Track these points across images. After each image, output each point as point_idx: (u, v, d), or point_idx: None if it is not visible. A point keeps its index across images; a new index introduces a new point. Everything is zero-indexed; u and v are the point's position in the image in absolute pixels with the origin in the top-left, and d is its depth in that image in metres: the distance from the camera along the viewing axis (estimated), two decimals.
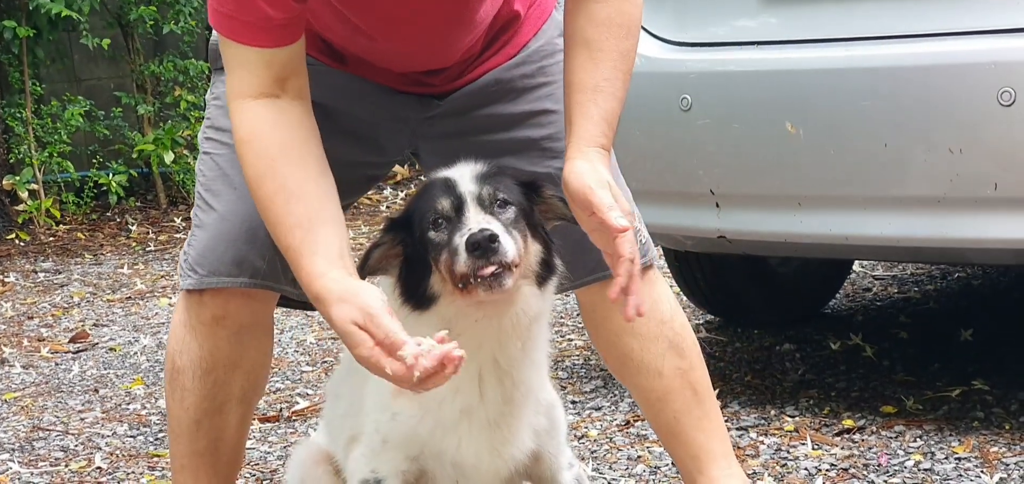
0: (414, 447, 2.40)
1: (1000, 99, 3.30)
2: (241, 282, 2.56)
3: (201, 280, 2.57)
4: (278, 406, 4.45)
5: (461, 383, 2.33)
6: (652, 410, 2.85)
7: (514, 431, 2.40)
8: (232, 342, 2.62)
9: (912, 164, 3.47)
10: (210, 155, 2.63)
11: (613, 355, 2.83)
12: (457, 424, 2.37)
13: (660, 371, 2.77)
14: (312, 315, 5.83)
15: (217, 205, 2.59)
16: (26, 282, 7.02)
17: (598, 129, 2.38)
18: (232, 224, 2.56)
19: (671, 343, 2.78)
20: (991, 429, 3.66)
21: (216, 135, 2.63)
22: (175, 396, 2.67)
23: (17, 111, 8.44)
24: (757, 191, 3.76)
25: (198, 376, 2.64)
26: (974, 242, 3.48)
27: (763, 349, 4.63)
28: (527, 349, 2.37)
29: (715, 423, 2.84)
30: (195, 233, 2.61)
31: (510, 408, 2.38)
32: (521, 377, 2.37)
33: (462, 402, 2.36)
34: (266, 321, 2.68)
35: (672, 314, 2.80)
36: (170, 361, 2.67)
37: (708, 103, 3.77)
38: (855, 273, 5.62)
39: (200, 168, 2.65)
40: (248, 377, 2.68)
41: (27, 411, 4.61)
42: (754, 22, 3.81)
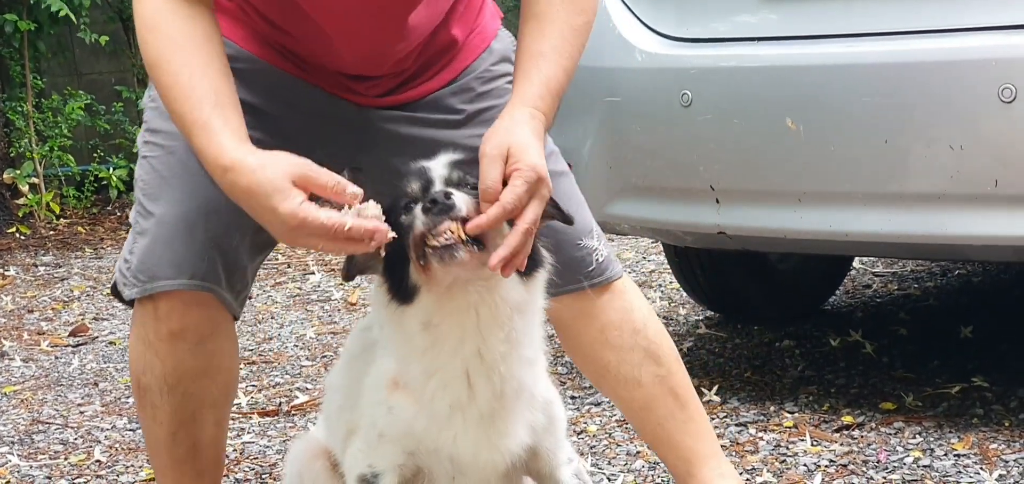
0: (410, 442, 2.40)
1: (1001, 96, 3.30)
2: (180, 284, 2.48)
3: (144, 287, 2.49)
4: (277, 400, 4.45)
5: (449, 379, 2.32)
6: (636, 419, 2.87)
7: (509, 425, 2.39)
8: (195, 353, 2.56)
9: (912, 160, 3.47)
10: (147, 159, 2.55)
11: (590, 369, 2.84)
12: (450, 419, 2.37)
13: (639, 381, 2.78)
14: (311, 310, 5.83)
15: (155, 209, 2.50)
16: (26, 276, 7.03)
17: (536, 91, 2.35)
18: (171, 227, 2.48)
19: (647, 352, 2.78)
20: (991, 426, 3.66)
21: (152, 138, 2.56)
22: (146, 413, 2.62)
23: (18, 105, 8.45)
24: (757, 187, 3.76)
25: (165, 391, 2.57)
26: (974, 239, 3.48)
27: (763, 345, 4.63)
28: (512, 342, 2.35)
29: (700, 424, 2.85)
30: (136, 240, 2.53)
31: (502, 404, 2.37)
32: (510, 372, 2.35)
33: (451, 397, 2.35)
34: (227, 325, 2.60)
35: (645, 322, 2.79)
36: (136, 380, 2.61)
37: (709, 99, 3.77)
38: (855, 270, 5.62)
39: (139, 174, 2.57)
40: (217, 382, 2.63)
41: (27, 404, 4.61)
42: (754, 18, 3.81)
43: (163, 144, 2.52)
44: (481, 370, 2.34)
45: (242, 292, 2.60)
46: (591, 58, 4.07)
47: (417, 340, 2.33)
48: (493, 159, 2.23)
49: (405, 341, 2.35)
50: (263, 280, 6.51)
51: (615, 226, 4.17)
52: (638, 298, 2.82)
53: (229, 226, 2.48)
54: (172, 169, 2.48)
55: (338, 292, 6.13)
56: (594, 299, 2.73)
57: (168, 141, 2.50)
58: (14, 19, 8.26)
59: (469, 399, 2.35)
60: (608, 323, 2.76)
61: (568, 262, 2.66)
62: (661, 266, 6.10)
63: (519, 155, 2.22)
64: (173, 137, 2.48)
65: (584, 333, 2.77)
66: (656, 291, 5.66)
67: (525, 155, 2.22)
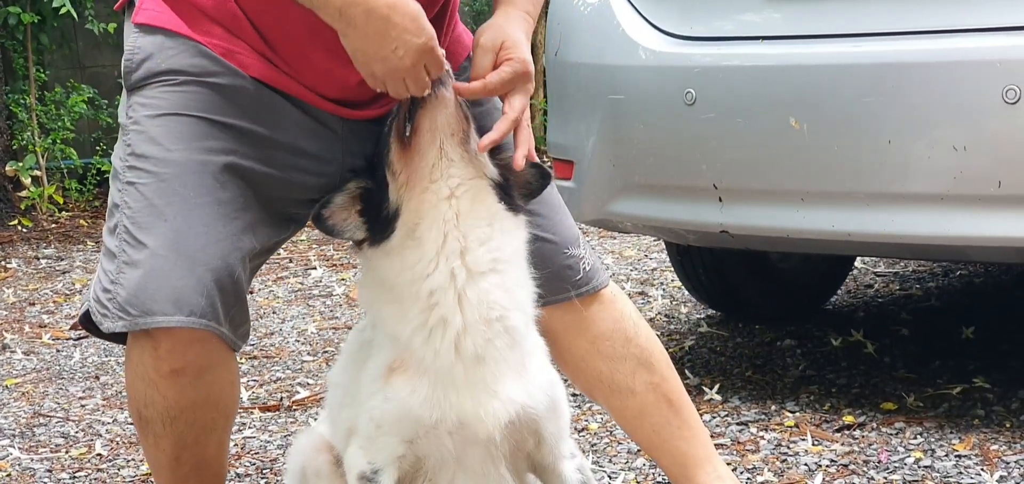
0: (407, 427, 2.40)
1: (1005, 97, 3.30)
2: (178, 321, 2.36)
3: (134, 322, 2.39)
4: (279, 395, 4.45)
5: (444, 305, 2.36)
6: (631, 426, 2.87)
7: (503, 370, 2.39)
8: (196, 386, 2.49)
9: (915, 161, 3.47)
10: (135, 185, 2.42)
11: (582, 380, 2.84)
12: (451, 371, 2.37)
13: (632, 389, 2.79)
14: (313, 305, 5.84)
15: (148, 240, 2.38)
16: (28, 269, 7.03)
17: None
18: (168, 260, 2.37)
19: (639, 360, 2.79)
20: (992, 427, 3.66)
21: (140, 163, 2.43)
22: (148, 441, 2.57)
23: (21, 98, 8.45)
24: (760, 186, 3.76)
25: (168, 423, 2.51)
26: (977, 240, 3.48)
27: (764, 344, 4.63)
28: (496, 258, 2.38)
29: (695, 429, 2.85)
30: (123, 271, 2.40)
31: (492, 335, 2.37)
32: (496, 298, 2.38)
33: (452, 334, 2.36)
34: (227, 356, 2.53)
35: (636, 330, 2.80)
36: (136, 413, 2.54)
37: (712, 98, 3.77)
38: (857, 269, 5.62)
39: (123, 200, 2.44)
40: (219, 409, 2.57)
41: (28, 397, 4.62)
42: (759, 17, 3.81)
43: (153, 171, 2.42)
44: (466, 284, 2.35)
45: (242, 325, 2.51)
46: (595, 55, 4.10)
47: (405, 259, 2.36)
48: (486, 50, 2.43)
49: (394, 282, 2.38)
50: (265, 275, 6.51)
51: (618, 224, 4.17)
52: (627, 305, 2.82)
53: (229, 254, 2.41)
54: (166, 198, 2.39)
55: (340, 287, 6.14)
56: (583, 310, 2.74)
57: (159, 168, 2.41)
58: (17, 12, 8.26)
59: (463, 330, 2.35)
60: (599, 334, 2.76)
61: (556, 272, 2.67)
62: (663, 264, 6.10)
63: (511, 48, 2.42)
64: (165, 163, 2.41)
65: (575, 345, 2.78)
66: (658, 289, 5.66)
67: (516, 49, 2.42)
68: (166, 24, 2.48)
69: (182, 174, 2.40)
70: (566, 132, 4.20)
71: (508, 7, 2.51)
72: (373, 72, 2.33)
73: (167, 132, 2.43)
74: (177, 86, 2.45)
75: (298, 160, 2.52)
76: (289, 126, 2.51)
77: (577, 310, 2.73)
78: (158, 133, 2.43)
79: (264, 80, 2.48)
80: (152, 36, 2.49)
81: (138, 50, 2.49)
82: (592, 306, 2.75)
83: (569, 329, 2.76)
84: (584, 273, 2.72)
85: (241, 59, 2.47)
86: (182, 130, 2.43)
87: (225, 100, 2.45)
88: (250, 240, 2.45)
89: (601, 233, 6.97)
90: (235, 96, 2.46)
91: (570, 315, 2.74)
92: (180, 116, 2.43)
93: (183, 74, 2.46)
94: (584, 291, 2.73)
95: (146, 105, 2.46)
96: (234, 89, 2.46)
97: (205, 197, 2.40)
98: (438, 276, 2.36)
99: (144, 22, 2.50)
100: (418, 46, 2.30)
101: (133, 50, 2.50)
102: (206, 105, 2.44)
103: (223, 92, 2.45)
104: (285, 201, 2.54)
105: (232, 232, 2.41)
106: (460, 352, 2.37)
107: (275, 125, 2.50)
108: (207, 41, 2.46)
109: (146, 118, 2.45)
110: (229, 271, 2.41)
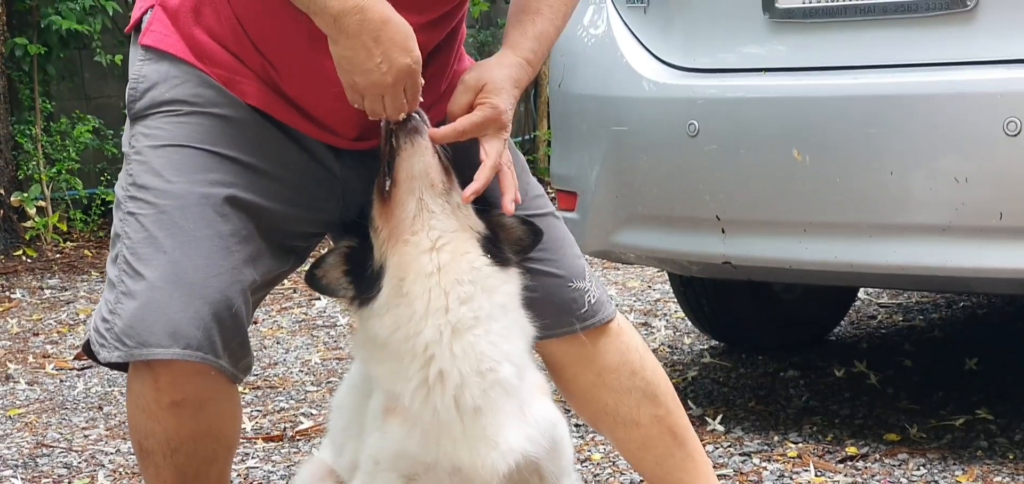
0: (405, 464, 2.40)
1: (1006, 129, 3.31)
2: (174, 353, 2.36)
3: (130, 353, 2.39)
4: (282, 425, 4.46)
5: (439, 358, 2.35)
6: (634, 458, 2.86)
7: (499, 420, 2.38)
8: (197, 418, 2.48)
9: (918, 192, 3.48)
10: (135, 216, 2.43)
11: (588, 411, 2.83)
12: (449, 424, 2.37)
13: (637, 421, 2.78)
14: (317, 335, 5.84)
15: (146, 272, 2.38)
16: (32, 299, 7.04)
17: (529, 45, 2.54)
18: (164, 292, 2.37)
19: (644, 393, 2.77)
20: (995, 459, 3.66)
21: (140, 194, 2.44)
22: (149, 472, 2.56)
23: (27, 128, 8.47)
24: (763, 217, 3.77)
25: (168, 454, 2.51)
26: (979, 271, 3.49)
27: (767, 375, 4.63)
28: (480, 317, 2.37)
29: (698, 461, 2.84)
30: (121, 301, 2.40)
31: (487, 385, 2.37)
32: (483, 350, 2.37)
33: (451, 389, 2.35)
34: (228, 388, 2.52)
35: (642, 362, 2.79)
36: (137, 444, 2.54)
37: (715, 129, 3.78)
38: (860, 300, 5.62)
39: (124, 230, 2.45)
40: (220, 441, 2.56)
41: (31, 427, 4.62)
42: (762, 49, 3.83)
43: (154, 202, 2.42)
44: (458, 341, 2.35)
45: (243, 359, 2.50)
46: (598, 87, 4.11)
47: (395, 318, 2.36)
48: (466, 88, 2.46)
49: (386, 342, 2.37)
50: (269, 305, 6.52)
51: (621, 255, 4.18)
52: (634, 337, 2.81)
53: (227, 288, 2.40)
54: (166, 229, 2.40)
55: (344, 317, 6.14)
56: (590, 343, 2.73)
57: (160, 199, 2.42)
58: (24, 43, 8.29)
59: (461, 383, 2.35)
60: (605, 366, 2.75)
61: (561, 305, 2.67)
62: (666, 295, 6.10)
63: (490, 92, 2.44)
64: (165, 195, 2.42)
65: (581, 377, 2.77)
66: (661, 320, 5.66)
67: (494, 95, 2.44)
68: (171, 49, 2.49)
69: (183, 207, 2.40)
70: (570, 163, 4.21)
71: (508, 50, 2.53)
72: (354, 82, 2.34)
73: (168, 163, 2.43)
74: (180, 117, 2.46)
75: (298, 196, 2.53)
76: (289, 163, 2.52)
77: (583, 343, 2.72)
78: (160, 164, 2.44)
79: (263, 109, 2.49)
80: (157, 64, 2.50)
81: (143, 79, 2.51)
82: (599, 339, 2.74)
83: (575, 361, 2.75)
84: (589, 306, 2.71)
85: (242, 87, 2.47)
86: (184, 162, 2.43)
87: (227, 132, 2.46)
88: (250, 273, 2.45)
89: (605, 264, 6.97)
90: (238, 128, 2.47)
91: (576, 348, 2.73)
92: (182, 148, 2.44)
93: (186, 104, 2.46)
94: (589, 324, 2.72)
95: (149, 135, 2.47)
96: (236, 122, 2.47)
97: (205, 230, 2.40)
98: (429, 331, 2.35)
99: (150, 44, 2.51)
100: (402, 66, 2.32)
101: (138, 79, 2.52)
102: (208, 137, 2.45)
103: (225, 124, 2.46)
104: (286, 234, 2.54)
105: (232, 265, 2.41)
106: (460, 407, 2.37)
107: (276, 161, 2.50)
108: (210, 70, 2.47)
109: (148, 148, 2.46)
110: (227, 304, 2.40)
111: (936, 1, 3.48)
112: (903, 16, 3.54)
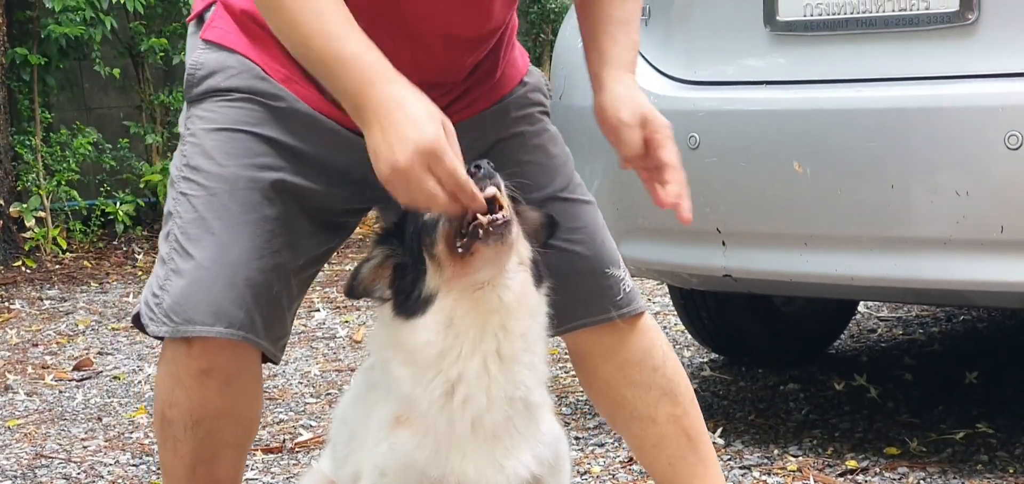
0: (412, 477, 2.40)
1: (1007, 143, 3.31)
2: (217, 332, 2.46)
3: (176, 329, 2.48)
4: (281, 437, 4.45)
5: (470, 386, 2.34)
6: (647, 457, 2.86)
7: (515, 444, 2.39)
8: (222, 393, 2.55)
9: (918, 206, 3.47)
10: (187, 196, 2.52)
11: (606, 403, 2.83)
12: (462, 440, 2.37)
13: (653, 418, 2.77)
14: (316, 347, 5.83)
15: (195, 252, 2.48)
16: (31, 309, 7.03)
17: (630, 55, 2.58)
18: (211, 272, 2.47)
19: (664, 391, 2.77)
20: (995, 473, 3.65)
21: (193, 175, 2.53)
22: (167, 446, 2.62)
23: (26, 139, 8.47)
24: (763, 230, 3.77)
25: (189, 427, 2.58)
26: (980, 285, 3.49)
27: (767, 388, 4.62)
28: (529, 340, 2.38)
29: (709, 466, 2.84)
30: (170, 278, 2.50)
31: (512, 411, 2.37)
32: (522, 378, 2.37)
33: (473, 411, 2.36)
34: (255, 368, 2.61)
35: (664, 360, 2.78)
36: (160, 414, 2.61)
37: (716, 142, 3.78)
38: (860, 314, 5.62)
39: (176, 209, 2.54)
40: (239, 423, 2.63)
41: (30, 438, 4.61)
42: (763, 62, 3.83)
43: (205, 184, 2.50)
44: (499, 368, 2.35)
45: (281, 338, 2.59)
46: None
47: (437, 344, 2.34)
48: (632, 126, 2.51)
49: (418, 357, 2.36)
50: None
51: None
52: (659, 336, 2.81)
53: (270, 274, 2.49)
54: (215, 212, 2.47)
55: (343, 329, 6.14)
56: (618, 334, 2.72)
57: (211, 182, 2.49)
58: (24, 53, 8.30)
59: (487, 407, 2.35)
60: (628, 360, 2.75)
61: (595, 291, 2.67)
62: (666, 308, 6.10)
63: (649, 120, 2.51)
64: (216, 179, 2.49)
65: (602, 368, 2.76)
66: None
67: (654, 119, 2.52)
68: (233, 45, 2.56)
69: (232, 190, 2.48)
70: None
71: (618, 72, 2.56)
72: (380, 171, 2.29)
73: (220, 147, 2.52)
74: (234, 102, 2.53)
75: (345, 177, 2.57)
76: (339, 147, 2.55)
77: (611, 333, 2.72)
78: (212, 146, 2.52)
79: (319, 111, 2.54)
80: (217, 53, 2.57)
81: (201, 66, 2.58)
82: (626, 332, 2.74)
83: (600, 352, 2.75)
84: (625, 294, 2.71)
85: (298, 88, 2.53)
86: (235, 146, 2.51)
87: (279, 119, 2.51)
88: (292, 255, 2.53)
89: None
90: (289, 117, 2.52)
91: (605, 338, 2.73)
92: (234, 131, 2.52)
93: (241, 92, 2.54)
94: (625, 312, 2.72)
95: (203, 118, 2.55)
96: (289, 112, 2.52)
97: (252, 214, 2.48)
98: (473, 365, 2.34)
99: (212, 39, 2.58)
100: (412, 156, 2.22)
101: (197, 65, 2.58)
102: (259, 121, 2.52)
103: (278, 113, 2.52)
104: (333, 212, 2.61)
105: (273, 249, 2.49)
106: (477, 427, 2.37)
107: (325, 146, 2.55)
108: (269, 67, 2.53)
109: (202, 131, 2.54)
110: (268, 287, 2.49)
111: (937, 15, 3.49)
112: (904, 29, 3.55)
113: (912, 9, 3.53)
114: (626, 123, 2.51)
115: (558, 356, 5.17)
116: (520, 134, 2.69)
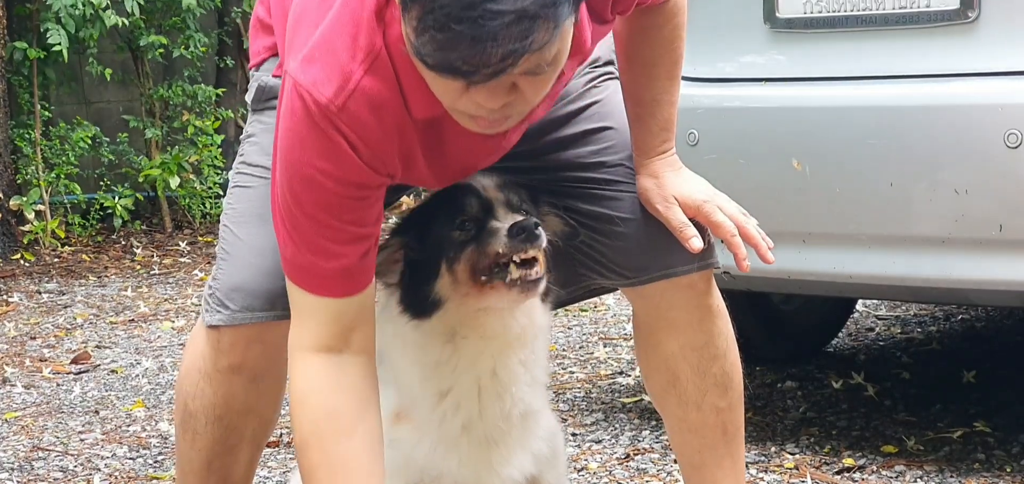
0: (412, 473, 2.41)
1: (1006, 141, 3.31)
2: (275, 315, 2.50)
3: (233, 316, 2.52)
4: (278, 431, 4.45)
5: (461, 398, 2.34)
6: (679, 437, 2.81)
7: (512, 450, 2.40)
8: (248, 389, 2.59)
9: (917, 204, 3.47)
10: (242, 188, 2.60)
11: (658, 378, 2.76)
12: (457, 442, 2.37)
13: (699, 405, 2.73)
14: None
15: (248, 238, 2.54)
16: (30, 302, 7.03)
17: (657, 139, 2.59)
18: (266, 258, 2.50)
19: (717, 381, 2.73)
20: (992, 471, 3.65)
21: (252, 170, 2.60)
22: (186, 437, 2.64)
23: (26, 132, 8.47)
24: (762, 227, 3.75)
25: (211, 421, 2.61)
26: (978, 283, 3.48)
27: (764, 386, 4.62)
28: (528, 364, 2.37)
29: (737, 465, 2.81)
30: (221, 266, 2.56)
31: (508, 426, 2.38)
32: (520, 394, 2.38)
33: (463, 417, 2.36)
34: (280, 367, 2.58)
35: (726, 351, 2.75)
36: (182, 404, 2.63)
37: (715, 139, 3.78)
38: (858, 312, 5.62)
39: (230, 201, 2.62)
40: (260, 420, 2.66)
41: (27, 431, 4.61)
42: (762, 59, 3.82)
43: (264, 177, 2.52)
44: (493, 389, 2.35)
45: None
46: None
47: (433, 353, 2.35)
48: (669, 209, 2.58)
49: (415, 356, 2.36)
50: None
51: None
52: (727, 325, 2.77)
53: None
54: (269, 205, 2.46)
55: None
56: (689, 312, 2.68)
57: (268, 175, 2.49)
58: (24, 47, 8.29)
59: (478, 419, 2.35)
60: (692, 342, 2.70)
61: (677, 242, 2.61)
62: None
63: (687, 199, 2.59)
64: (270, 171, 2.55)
65: (665, 343, 2.71)
66: None
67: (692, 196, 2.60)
68: None
69: None
70: None
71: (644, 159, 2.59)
72: None
73: None
74: None
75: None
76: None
77: (684, 309, 2.68)
78: (270, 144, 2.52)
79: None
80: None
81: (269, 88, 2.63)
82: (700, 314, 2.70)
83: (665, 325, 2.70)
84: (708, 244, 2.66)
85: None
86: None
87: None
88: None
89: None
90: None
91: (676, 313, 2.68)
92: None
93: None
94: (708, 263, 2.68)
95: (264, 122, 2.62)
96: None
97: None
98: (466, 380, 2.35)
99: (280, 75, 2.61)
100: None
101: (266, 86, 2.65)
102: None
103: None
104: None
105: None
106: (469, 432, 2.37)
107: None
108: None
109: (263, 132, 2.60)
110: None
111: (937, 12, 3.48)
112: (904, 27, 3.54)
113: (912, 7, 3.53)
114: (662, 214, 2.56)
115: (556, 353, 5.17)
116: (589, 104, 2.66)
